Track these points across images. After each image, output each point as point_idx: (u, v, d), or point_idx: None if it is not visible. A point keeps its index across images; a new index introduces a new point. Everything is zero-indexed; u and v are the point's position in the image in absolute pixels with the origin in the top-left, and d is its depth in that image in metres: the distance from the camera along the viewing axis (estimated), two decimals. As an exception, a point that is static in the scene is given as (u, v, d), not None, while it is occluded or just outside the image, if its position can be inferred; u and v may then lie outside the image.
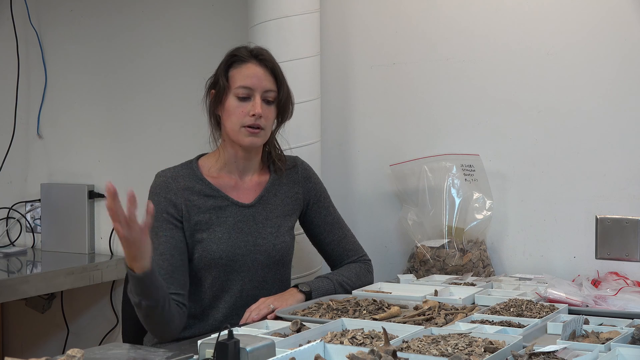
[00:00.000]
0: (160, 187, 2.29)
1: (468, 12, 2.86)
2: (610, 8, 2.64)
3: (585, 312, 2.07)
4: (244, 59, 2.31)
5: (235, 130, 2.28)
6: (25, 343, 3.85)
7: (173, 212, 2.26)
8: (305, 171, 2.48)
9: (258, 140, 2.30)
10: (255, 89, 2.28)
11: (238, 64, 2.31)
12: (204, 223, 2.29)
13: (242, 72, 2.29)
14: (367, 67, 3.04)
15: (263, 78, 2.30)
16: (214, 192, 2.32)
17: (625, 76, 2.63)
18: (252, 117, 2.26)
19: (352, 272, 2.43)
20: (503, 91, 2.81)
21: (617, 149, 2.64)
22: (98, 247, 3.63)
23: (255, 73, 2.29)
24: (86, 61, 3.65)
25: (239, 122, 2.27)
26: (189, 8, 3.40)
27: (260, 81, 2.29)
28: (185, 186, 2.30)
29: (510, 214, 2.79)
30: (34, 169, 3.80)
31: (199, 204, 2.29)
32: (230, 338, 1.53)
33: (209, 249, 2.28)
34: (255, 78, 2.29)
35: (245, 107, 2.27)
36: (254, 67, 2.30)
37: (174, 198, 2.27)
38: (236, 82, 2.29)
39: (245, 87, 2.28)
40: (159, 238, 2.24)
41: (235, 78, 2.29)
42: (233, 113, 2.28)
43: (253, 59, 2.31)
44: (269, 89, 2.30)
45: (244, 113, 2.27)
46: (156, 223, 2.24)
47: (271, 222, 2.37)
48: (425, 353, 1.61)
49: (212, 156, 2.38)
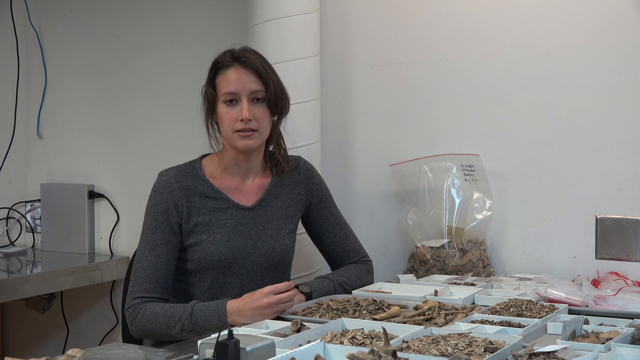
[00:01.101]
0: (163, 187, 2.30)
1: (468, 12, 2.86)
2: (610, 8, 2.64)
3: (585, 312, 2.07)
4: (226, 65, 2.30)
5: (229, 135, 2.29)
6: (25, 343, 3.85)
7: (174, 214, 2.28)
8: (308, 171, 2.48)
9: (252, 142, 2.29)
10: (240, 93, 2.28)
11: (222, 70, 2.31)
12: (203, 224, 2.29)
13: (225, 78, 2.29)
14: (367, 67, 3.03)
15: (247, 80, 2.28)
16: (215, 194, 2.32)
17: (625, 76, 2.63)
18: (241, 122, 2.26)
19: (352, 272, 2.43)
20: (503, 91, 2.80)
21: (617, 149, 2.64)
22: (98, 247, 3.63)
23: (238, 77, 2.28)
24: (86, 61, 3.65)
25: (230, 128, 2.28)
26: (189, 8, 3.40)
27: (244, 84, 2.28)
28: (187, 186, 2.30)
29: (510, 214, 2.79)
30: (34, 169, 3.80)
31: (200, 205, 2.30)
32: (230, 338, 1.53)
33: (208, 251, 2.28)
34: (238, 82, 2.28)
35: (234, 112, 2.27)
36: (235, 71, 2.29)
37: (176, 199, 2.28)
38: (222, 89, 2.29)
39: (230, 92, 2.28)
40: (157, 238, 2.26)
41: (221, 85, 2.30)
42: (224, 120, 2.29)
43: (235, 63, 2.30)
44: (255, 90, 2.29)
45: (234, 118, 2.27)
46: (155, 222, 2.26)
47: (271, 225, 2.37)
48: (425, 353, 1.61)
49: (214, 157, 2.38)
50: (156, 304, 2.20)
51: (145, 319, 2.19)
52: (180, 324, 2.13)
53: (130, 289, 2.25)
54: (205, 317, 2.11)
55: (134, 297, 2.23)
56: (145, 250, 2.26)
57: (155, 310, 2.18)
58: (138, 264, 2.26)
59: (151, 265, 2.24)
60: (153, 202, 2.30)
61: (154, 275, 2.23)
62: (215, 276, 2.30)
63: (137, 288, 2.23)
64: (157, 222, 2.26)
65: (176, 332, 2.14)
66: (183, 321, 2.12)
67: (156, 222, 2.26)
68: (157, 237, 2.26)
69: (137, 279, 2.24)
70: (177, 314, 2.14)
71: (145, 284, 2.23)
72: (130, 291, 2.25)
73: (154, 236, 2.26)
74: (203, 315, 2.12)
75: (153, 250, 2.24)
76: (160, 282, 2.24)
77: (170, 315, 2.15)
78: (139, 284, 2.23)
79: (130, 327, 2.23)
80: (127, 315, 2.23)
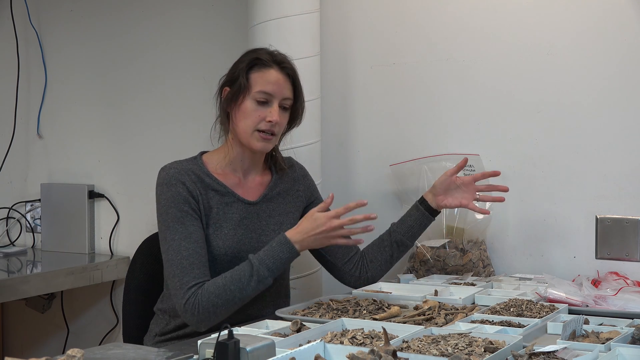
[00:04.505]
0: (175, 178, 2.26)
1: (468, 11, 2.86)
2: (610, 8, 2.64)
3: (585, 312, 2.07)
4: (266, 64, 2.30)
5: (248, 132, 2.28)
6: (25, 343, 3.85)
7: (193, 202, 2.25)
8: (302, 169, 2.53)
9: (269, 146, 2.31)
10: (275, 96, 2.29)
11: (260, 68, 2.30)
12: (211, 218, 2.29)
13: (264, 77, 2.29)
14: (367, 67, 3.03)
15: (284, 86, 2.30)
16: (221, 188, 2.32)
17: (625, 76, 2.63)
18: (269, 123, 2.27)
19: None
20: (503, 91, 2.81)
21: (617, 149, 2.64)
22: (98, 247, 3.63)
23: (277, 80, 2.29)
24: (86, 61, 3.65)
25: (253, 125, 2.28)
26: (189, 8, 3.40)
27: (280, 88, 2.29)
28: (195, 179, 2.29)
29: (510, 214, 2.79)
30: (34, 169, 3.80)
31: (208, 198, 2.29)
32: (230, 338, 1.53)
33: (215, 245, 2.27)
34: (276, 85, 2.29)
35: (262, 112, 2.28)
36: (276, 73, 2.30)
37: (190, 188, 2.26)
38: (257, 86, 2.28)
39: (266, 92, 2.28)
40: (188, 227, 2.21)
41: (257, 81, 2.29)
42: (249, 116, 2.28)
43: (276, 65, 2.31)
44: (287, 97, 2.31)
45: (260, 118, 2.27)
46: (179, 212, 2.22)
47: (274, 220, 2.38)
48: (425, 353, 1.61)
49: (217, 153, 2.38)
50: (213, 281, 2.16)
51: (213, 295, 2.13)
52: (255, 278, 2.13)
53: (179, 283, 2.16)
54: (274, 258, 2.15)
55: (188, 287, 2.15)
56: (180, 240, 2.19)
57: (218, 283, 2.15)
58: (177, 256, 2.18)
59: (192, 252, 2.18)
60: (169, 194, 2.24)
61: (199, 261, 2.18)
62: (220, 270, 2.27)
63: (188, 278, 2.16)
64: (181, 212, 2.22)
65: (252, 289, 2.14)
66: (256, 274, 2.13)
67: (181, 212, 2.22)
68: (187, 225, 2.21)
69: (184, 270, 2.16)
70: (245, 272, 2.14)
71: (195, 271, 2.16)
72: (180, 286, 2.16)
73: (184, 225, 2.21)
74: (272, 258, 2.15)
75: (189, 238, 2.20)
76: (206, 265, 2.19)
77: (239, 278, 2.14)
78: (187, 274, 2.16)
79: (197, 317, 2.14)
80: (189, 307, 2.13)
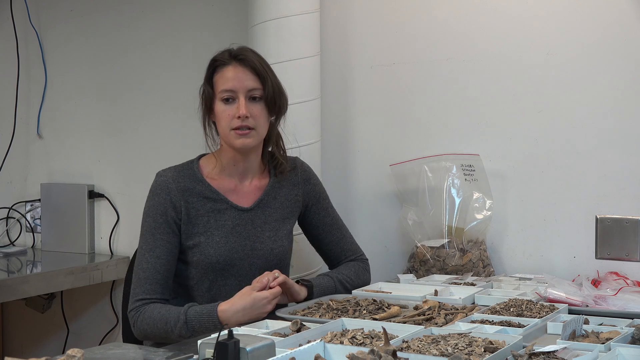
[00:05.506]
0: (161, 188, 2.29)
1: (468, 12, 2.86)
2: (610, 8, 2.64)
3: (585, 312, 2.07)
4: (224, 62, 2.30)
5: (227, 134, 2.29)
6: (25, 343, 3.85)
7: (173, 215, 2.28)
8: (305, 173, 2.48)
9: (249, 141, 2.28)
10: (238, 90, 2.27)
11: (220, 68, 2.31)
12: (201, 226, 2.29)
13: (223, 76, 2.29)
14: (367, 67, 3.03)
15: (244, 78, 2.28)
16: (213, 195, 2.32)
17: (625, 76, 2.63)
18: (239, 119, 2.26)
19: (351, 270, 2.45)
20: (503, 91, 2.80)
21: (617, 149, 2.64)
22: (98, 247, 3.63)
23: (236, 74, 2.28)
24: (86, 61, 3.65)
25: (227, 125, 2.28)
26: (189, 8, 3.40)
27: (241, 82, 2.28)
28: (185, 187, 2.30)
29: (510, 214, 2.79)
30: (34, 169, 3.80)
31: (198, 207, 2.29)
32: (230, 338, 1.53)
33: (207, 253, 2.28)
34: (236, 80, 2.28)
35: (231, 110, 2.27)
36: (233, 68, 2.29)
37: (174, 199, 2.28)
38: (219, 87, 2.29)
39: (228, 90, 2.27)
40: (156, 240, 2.26)
41: (218, 83, 2.30)
42: (222, 117, 2.29)
43: (233, 61, 2.30)
44: (253, 87, 2.29)
45: (231, 116, 2.27)
46: (154, 223, 2.27)
47: (269, 226, 2.37)
48: (425, 353, 1.61)
49: (212, 158, 2.38)
50: (155, 307, 2.20)
51: (145, 323, 2.19)
52: (178, 331, 2.13)
53: (132, 291, 2.25)
54: (200, 323, 2.12)
55: (135, 299, 2.23)
56: (145, 252, 2.25)
57: (154, 314, 2.18)
58: (138, 266, 2.26)
59: (151, 267, 2.23)
60: (151, 203, 2.29)
61: (154, 277, 2.23)
62: (213, 278, 2.30)
63: (138, 290, 2.23)
64: (156, 223, 2.26)
65: (175, 336, 2.15)
66: (181, 327, 2.13)
67: (155, 223, 2.26)
68: (156, 238, 2.26)
69: (138, 281, 2.24)
70: (173, 319, 2.14)
71: (146, 285, 2.23)
72: (132, 294, 2.25)
73: (154, 237, 2.25)
74: (199, 322, 2.12)
75: (153, 252, 2.24)
76: (160, 283, 2.24)
77: (167, 321, 2.15)
78: (139, 286, 2.23)
79: (134, 329, 2.23)
80: (130, 318, 2.23)
